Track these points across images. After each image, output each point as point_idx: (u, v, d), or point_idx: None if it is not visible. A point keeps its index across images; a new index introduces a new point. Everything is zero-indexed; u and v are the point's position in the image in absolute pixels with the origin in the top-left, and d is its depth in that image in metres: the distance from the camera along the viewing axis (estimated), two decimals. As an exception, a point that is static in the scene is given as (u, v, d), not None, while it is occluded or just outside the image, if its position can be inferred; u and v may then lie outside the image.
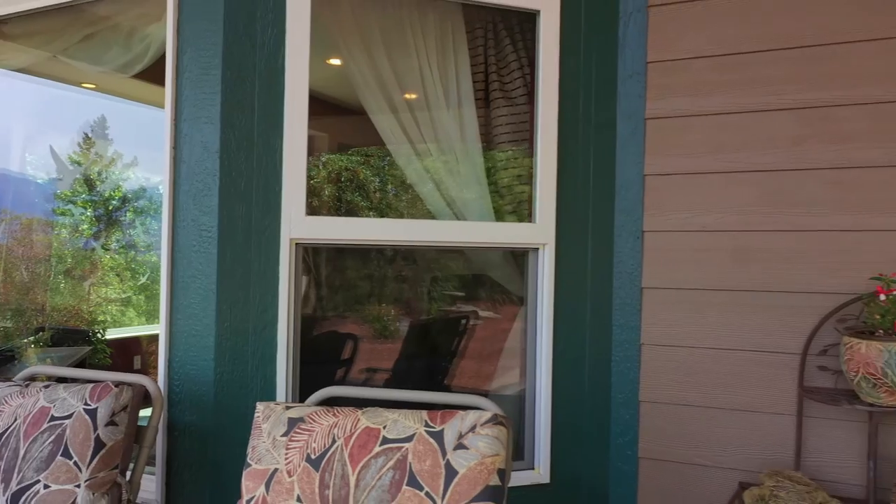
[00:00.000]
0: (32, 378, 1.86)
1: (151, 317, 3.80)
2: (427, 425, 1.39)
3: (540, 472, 2.19)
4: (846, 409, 1.91)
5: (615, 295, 2.27)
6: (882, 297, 1.84)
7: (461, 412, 1.40)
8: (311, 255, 2.80)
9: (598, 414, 2.25)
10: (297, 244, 1.95)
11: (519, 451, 2.25)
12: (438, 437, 1.37)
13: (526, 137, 2.30)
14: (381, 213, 2.84)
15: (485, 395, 2.37)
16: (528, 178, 2.26)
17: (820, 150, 2.04)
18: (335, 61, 2.34)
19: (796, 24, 2.07)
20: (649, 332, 2.24)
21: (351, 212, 3.02)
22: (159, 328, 1.93)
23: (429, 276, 3.00)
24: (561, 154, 2.19)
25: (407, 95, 2.30)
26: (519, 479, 2.18)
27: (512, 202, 2.37)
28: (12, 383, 1.74)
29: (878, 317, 1.80)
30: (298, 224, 1.93)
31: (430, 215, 2.34)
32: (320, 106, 2.45)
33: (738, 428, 2.12)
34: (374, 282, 3.01)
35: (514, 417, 2.30)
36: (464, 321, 2.97)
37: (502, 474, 1.34)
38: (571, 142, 2.21)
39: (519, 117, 2.35)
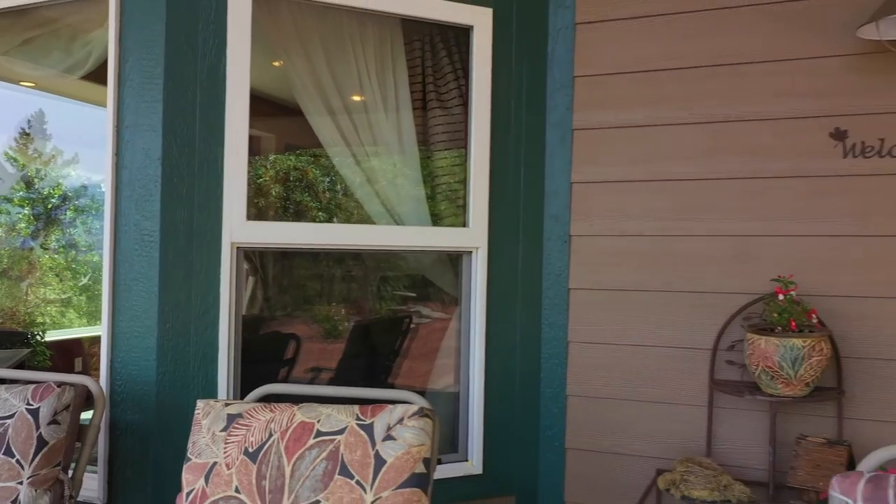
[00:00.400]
0: (-28, 380, 1.90)
1: (93, 318, 3.79)
2: (358, 419, 1.50)
3: (473, 463, 2.32)
4: (749, 399, 2.10)
5: (544, 295, 2.42)
6: (780, 297, 2.02)
7: (390, 406, 1.51)
8: (258, 258, 2.87)
9: (528, 408, 2.39)
10: (237, 248, 2.03)
11: (454, 444, 2.37)
12: (369, 429, 1.48)
13: (462, 145, 2.42)
14: (330, 213, 2.92)
15: (422, 392, 2.49)
16: (463, 184, 2.38)
17: (729, 161, 2.22)
18: (293, 50, 2.41)
19: (707, 46, 2.24)
20: (576, 330, 2.39)
21: (300, 212, 3.09)
22: (101, 329, 1.98)
23: (373, 277, 3.10)
24: (493, 162, 2.32)
25: (346, 101, 2.40)
26: (453, 470, 2.30)
27: (448, 207, 2.49)
28: (-48, 385, 1.78)
29: (776, 315, 1.98)
30: (239, 228, 2.01)
31: (370, 218, 2.45)
32: (269, 106, 2.53)
33: (656, 419, 2.29)
34: (320, 283, 3.09)
35: (450, 413, 2.42)
36: (406, 321, 3.08)
37: (427, 462, 1.45)
38: (503, 151, 2.35)
39: (455, 126, 2.47)
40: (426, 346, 2.84)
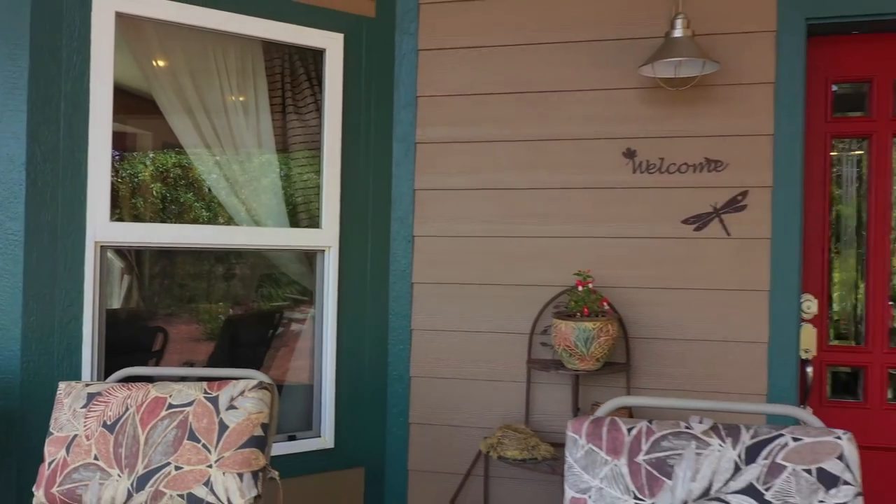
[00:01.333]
0: None
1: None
2: (206, 393, 1.77)
3: (325, 439, 2.62)
4: (555, 374, 2.52)
5: (391, 289, 2.76)
6: (580, 288, 2.45)
7: (234, 381, 1.79)
8: (134, 256, 3.03)
9: (376, 389, 2.73)
10: (101, 246, 2.24)
11: (308, 422, 2.66)
12: (214, 401, 1.75)
13: (317, 154, 2.71)
14: (211, 210, 3.07)
15: (281, 381, 2.77)
16: (318, 189, 2.68)
17: (544, 174, 2.64)
18: (157, 52, 2.60)
19: (529, 75, 2.65)
20: (418, 319, 2.75)
21: (171, 210, 3.25)
22: (-35, 323, 2.13)
23: (246, 275, 3.32)
24: (344, 171, 2.63)
25: (208, 109, 2.63)
26: (307, 445, 2.60)
27: (304, 209, 2.78)
28: None
29: (573, 303, 2.41)
30: (103, 228, 2.22)
31: (231, 219, 2.69)
32: (144, 104, 2.70)
33: (485, 395, 2.68)
34: (195, 280, 3.28)
35: (307, 395, 2.71)
36: (276, 315, 3.33)
37: (266, 427, 1.75)
38: (353, 160, 2.66)
39: (311, 136, 2.76)
40: (292, 338, 3.10)
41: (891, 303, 2.58)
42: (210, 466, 1.67)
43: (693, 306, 2.53)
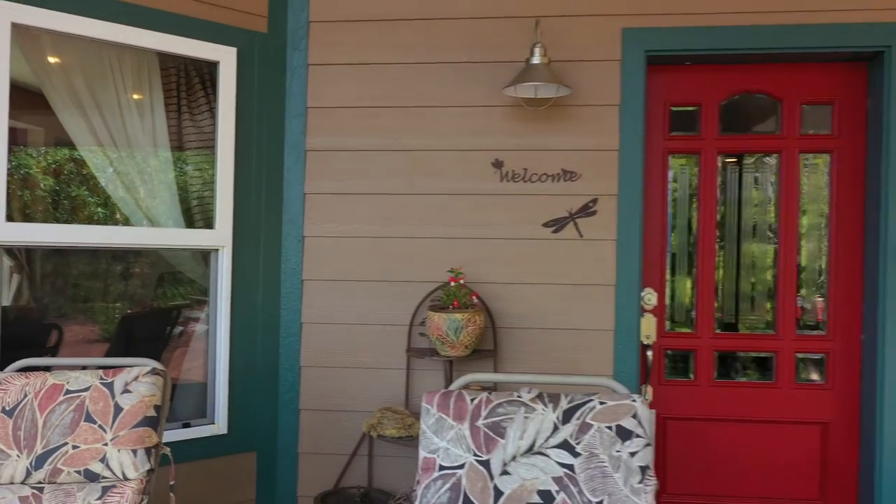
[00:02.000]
0: None
1: None
2: (101, 379, 1.96)
3: (219, 426, 2.83)
4: (430, 360, 2.83)
5: (282, 286, 2.99)
6: (452, 284, 2.77)
7: (129, 368, 1.99)
8: (24, 254, 3.12)
9: (268, 378, 2.95)
10: (-3, 246, 2.36)
11: (203, 410, 2.86)
12: (110, 386, 1.95)
13: (212, 158, 2.91)
14: (108, 208, 3.16)
15: (177, 372, 2.94)
16: (213, 192, 2.88)
17: (423, 181, 2.94)
18: (52, 59, 2.71)
19: (410, 91, 2.94)
20: (308, 313, 2.99)
21: (67, 207, 3.33)
22: None
23: (144, 273, 3.46)
24: (237, 175, 2.84)
25: (103, 113, 2.77)
26: (201, 432, 2.79)
27: (200, 211, 2.96)
28: None
29: (445, 297, 2.73)
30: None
31: (133, 218, 2.85)
32: (39, 105, 2.80)
33: (370, 381, 2.95)
34: (92, 278, 3.38)
35: (202, 385, 2.90)
36: (174, 312, 3.48)
37: (158, 409, 1.96)
38: (246, 165, 2.88)
39: (206, 142, 2.95)
40: (188, 333, 3.27)
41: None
42: (106, 445, 1.87)
43: (552, 299, 2.90)
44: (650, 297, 2.99)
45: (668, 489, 3.05)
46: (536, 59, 2.69)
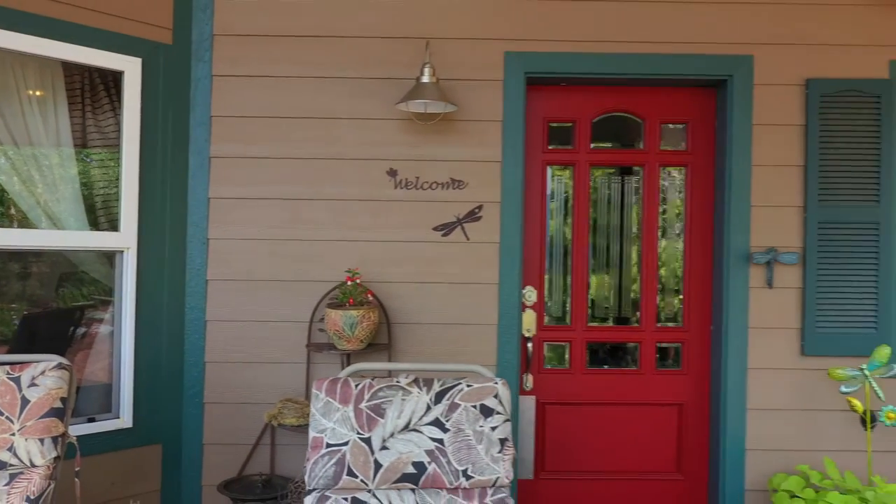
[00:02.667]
0: None
1: None
2: (8, 373, 2.10)
3: (124, 420, 2.97)
4: (328, 354, 3.07)
5: (187, 285, 3.15)
6: (349, 283, 3.01)
7: (35, 363, 2.14)
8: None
9: (174, 374, 3.11)
10: None
11: (108, 406, 2.99)
12: (17, 380, 2.09)
13: (119, 163, 3.03)
14: (20, 213, 3.22)
15: (82, 368, 3.05)
16: (118, 196, 3.01)
17: (325, 187, 3.16)
18: None
19: (312, 103, 3.16)
20: (213, 311, 3.16)
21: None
22: None
23: (46, 274, 3.51)
24: (142, 179, 2.99)
25: (6, 119, 2.86)
26: (107, 426, 2.92)
27: (105, 213, 3.09)
28: None
29: (342, 295, 2.97)
30: None
31: (35, 220, 2.94)
32: None
33: (273, 375, 3.16)
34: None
35: (108, 382, 3.02)
36: (77, 312, 3.56)
37: (64, 401, 2.12)
38: (151, 170, 3.03)
39: (112, 148, 3.08)
40: (94, 331, 3.37)
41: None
42: (13, 435, 2.02)
43: (442, 296, 3.18)
44: (531, 295, 3.33)
45: (546, 467, 3.40)
46: (426, 78, 2.97)
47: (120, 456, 2.95)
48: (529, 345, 3.30)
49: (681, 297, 3.40)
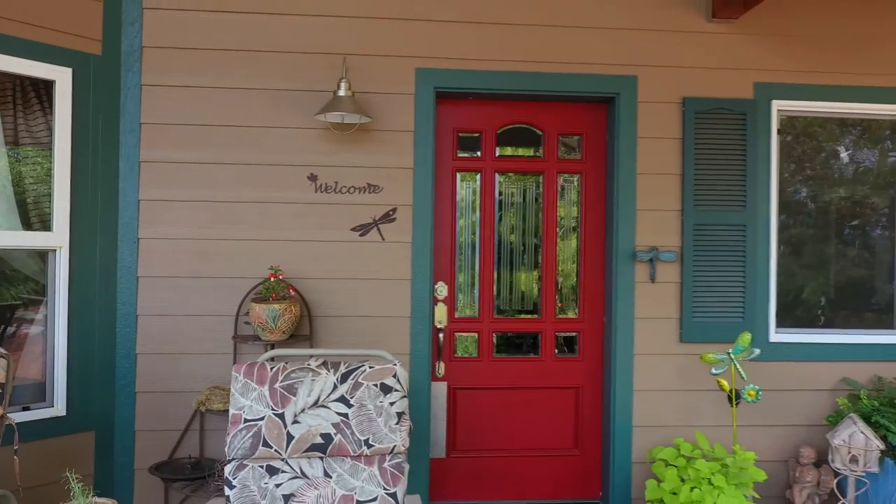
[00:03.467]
0: None
1: None
2: (-51, 362, 2.31)
3: (58, 408, 3.17)
4: (253, 345, 3.34)
5: (119, 283, 3.37)
6: (272, 279, 3.29)
7: (-25, 353, 2.35)
8: None
9: (106, 365, 3.32)
10: None
11: (42, 395, 3.19)
12: (-42, 368, 2.31)
13: (50, 167, 3.23)
14: None
15: (16, 359, 3.23)
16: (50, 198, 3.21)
17: (250, 191, 3.43)
18: None
19: (239, 113, 3.42)
20: (143, 306, 3.39)
21: None
22: None
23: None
24: (74, 182, 3.19)
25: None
26: (42, 414, 3.12)
27: (37, 214, 3.28)
28: None
29: (265, 290, 3.24)
30: None
31: (-36, 225, 3.11)
32: None
33: (201, 365, 3.40)
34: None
35: (42, 373, 3.22)
36: (10, 309, 3.71)
37: (2, 386, 2.34)
38: (83, 174, 3.23)
39: (44, 152, 3.27)
40: (27, 326, 3.54)
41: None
42: (-45, 417, 2.24)
43: (360, 291, 3.49)
44: (441, 289, 3.67)
45: (457, 447, 3.75)
46: (342, 92, 3.27)
47: (54, 443, 3.16)
48: (441, 335, 3.65)
49: (577, 290, 3.79)
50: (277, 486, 2.25)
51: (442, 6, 3.51)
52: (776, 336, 3.69)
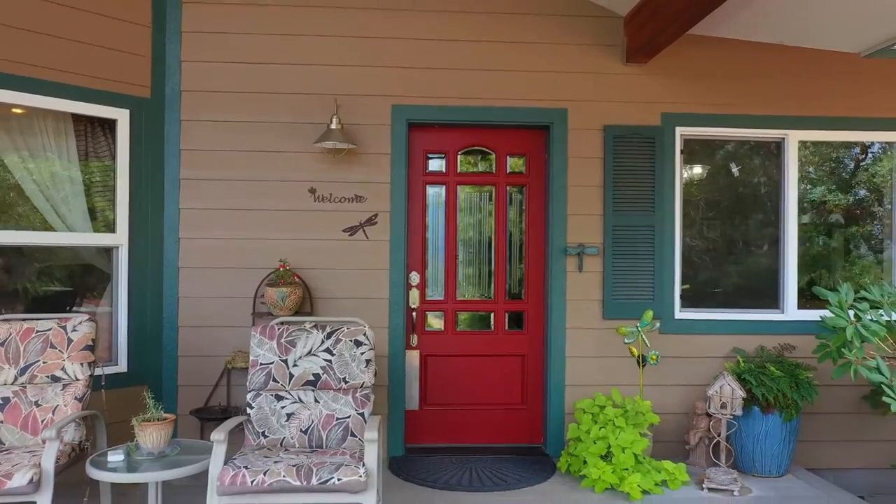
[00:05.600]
0: None
1: None
2: (59, 324, 3.40)
3: (121, 367, 4.27)
4: (268, 319, 4.41)
5: (164, 272, 4.46)
6: (280, 269, 4.36)
7: (74, 316, 3.44)
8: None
9: (156, 335, 4.42)
10: (-27, 246, 3.70)
11: (113, 357, 4.29)
12: (64, 327, 3.39)
13: (114, 185, 4.32)
14: (45, 220, 4.49)
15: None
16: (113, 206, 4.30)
17: (267, 202, 4.50)
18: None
19: (256, 141, 4.49)
20: (183, 290, 4.48)
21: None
22: None
23: (64, 256, 4.76)
24: (131, 195, 4.28)
25: (33, 156, 4.12)
26: (110, 370, 4.22)
27: (103, 220, 4.38)
28: None
29: (275, 277, 4.31)
30: (-26, 235, 3.69)
31: (56, 226, 4.22)
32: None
33: (228, 335, 4.48)
34: (27, 265, 4.63)
35: (110, 340, 4.31)
36: (85, 294, 4.81)
37: (94, 340, 3.42)
38: (138, 189, 4.32)
39: (108, 174, 4.36)
40: (98, 307, 4.64)
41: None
42: (64, 360, 3.33)
43: (349, 279, 4.55)
44: (415, 277, 4.72)
45: (427, 401, 4.79)
46: (334, 125, 4.33)
47: (119, 392, 4.24)
48: (414, 314, 4.70)
49: (523, 279, 4.83)
50: (282, 407, 3.32)
51: (412, 57, 4.56)
52: (680, 314, 4.70)
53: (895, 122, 4.74)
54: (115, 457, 2.98)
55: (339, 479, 2.72)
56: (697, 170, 4.90)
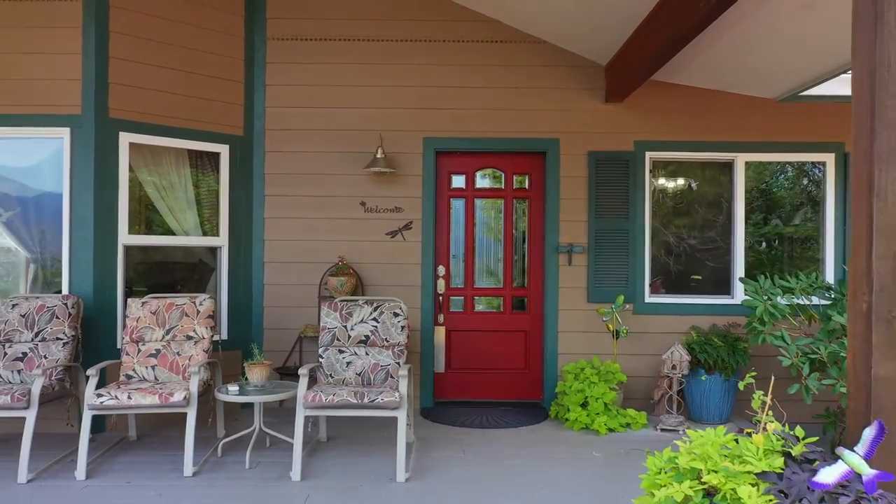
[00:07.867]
0: None
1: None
2: (191, 299, 4.99)
3: (224, 335, 5.85)
4: (331, 301, 5.95)
5: (253, 266, 6.04)
6: (339, 263, 5.88)
7: (199, 295, 5.02)
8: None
9: (248, 313, 6.00)
10: (125, 246, 5.33)
11: (218, 328, 5.88)
12: (194, 302, 4.98)
13: (217, 202, 5.90)
14: (180, 227, 6.10)
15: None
16: (217, 218, 5.89)
17: (327, 211, 6.04)
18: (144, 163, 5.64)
19: (318, 165, 6.03)
20: (269, 279, 6.05)
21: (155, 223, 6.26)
22: None
23: (187, 252, 6.39)
24: (230, 208, 5.86)
25: (171, 184, 5.73)
26: (217, 338, 5.81)
27: (210, 227, 5.97)
28: None
29: (336, 269, 5.84)
30: (125, 237, 5.31)
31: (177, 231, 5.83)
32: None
33: (300, 314, 6.02)
34: (163, 258, 6.29)
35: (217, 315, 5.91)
36: (198, 284, 6.43)
37: (213, 312, 5.00)
38: (234, 203, 5.91)
39: (212, 191, 5.95)
40: (209, 290, 6.25)
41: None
42: (194, 324, 4.92)
43: (391, 271, 6.05)
44: (441, 269, 6.20)
45: (452, 366, 6.27)
46: (379, 154, 5.84)
47: (223, 354, 5.83)
48: (441, 298, 6.17)
49: (526, 272, 6.25)
50: (343, 358, 4.84)
51: (438, 100, 6.03)
52: (649, 299, 6.05)
53: (813, 145, 6.01)
54: (233, 388, 4.52)
55: (382, 399, 4.20)
56: (664, 183, 6.24)
